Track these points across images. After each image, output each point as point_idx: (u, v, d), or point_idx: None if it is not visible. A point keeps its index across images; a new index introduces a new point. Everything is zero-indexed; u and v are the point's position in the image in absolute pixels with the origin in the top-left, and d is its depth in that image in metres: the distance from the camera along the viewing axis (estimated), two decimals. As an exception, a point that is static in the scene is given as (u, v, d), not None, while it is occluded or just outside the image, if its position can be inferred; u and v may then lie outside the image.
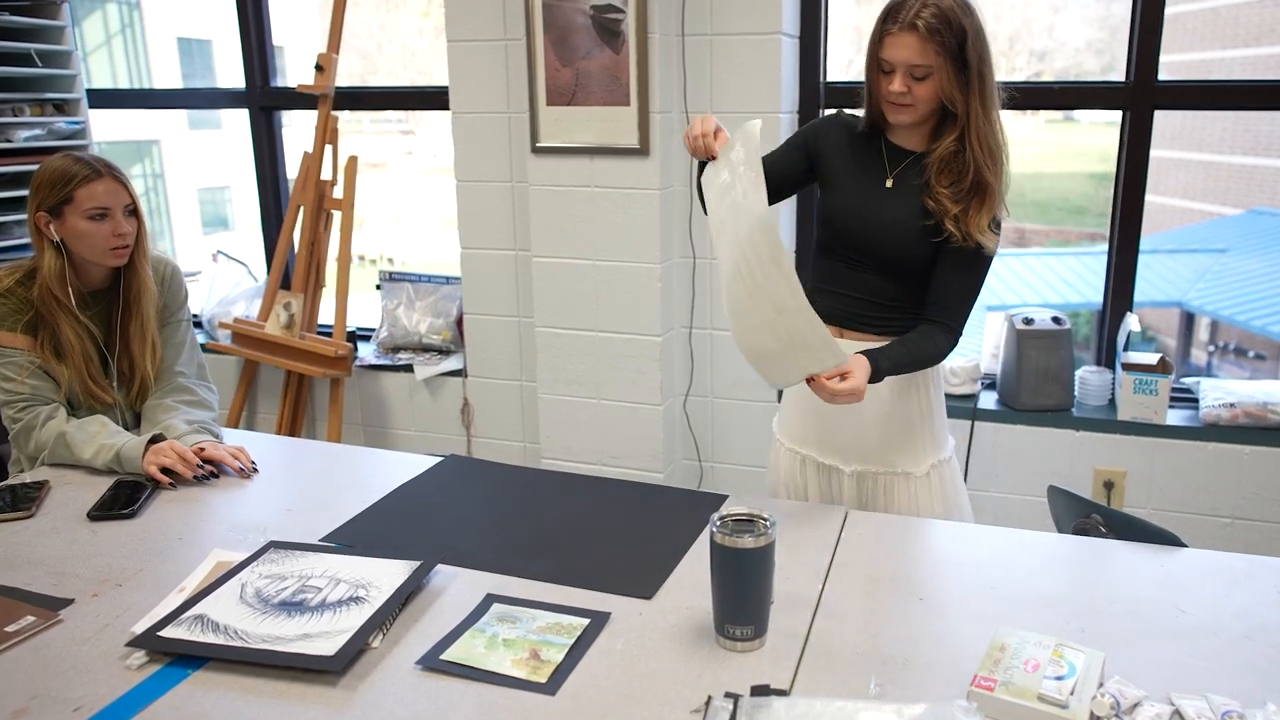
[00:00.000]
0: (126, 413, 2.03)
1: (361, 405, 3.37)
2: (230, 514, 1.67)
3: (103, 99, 3.68)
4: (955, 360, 2.73)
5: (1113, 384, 2.63)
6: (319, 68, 3.16)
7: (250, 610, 1.31)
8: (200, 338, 3.56)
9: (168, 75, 11.30)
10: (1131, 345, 2.59)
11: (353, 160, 3.20)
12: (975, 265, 1.67)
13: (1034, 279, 9.09)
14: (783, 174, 1.76)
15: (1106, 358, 2.70)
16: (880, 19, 1.59)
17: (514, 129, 2.84)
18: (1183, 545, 1.49)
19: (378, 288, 3.45)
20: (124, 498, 1.70)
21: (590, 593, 1.38)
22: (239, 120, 3.17)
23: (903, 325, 1.70)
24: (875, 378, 1.58)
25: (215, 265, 3.78)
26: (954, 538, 1.56)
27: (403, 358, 3.32)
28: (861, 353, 1.59)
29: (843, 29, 3.06)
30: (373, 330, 3.47)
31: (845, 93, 2.75)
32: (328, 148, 3.21)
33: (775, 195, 1.70)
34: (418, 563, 1.42)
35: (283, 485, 1.79)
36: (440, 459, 1.88)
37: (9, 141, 3.14)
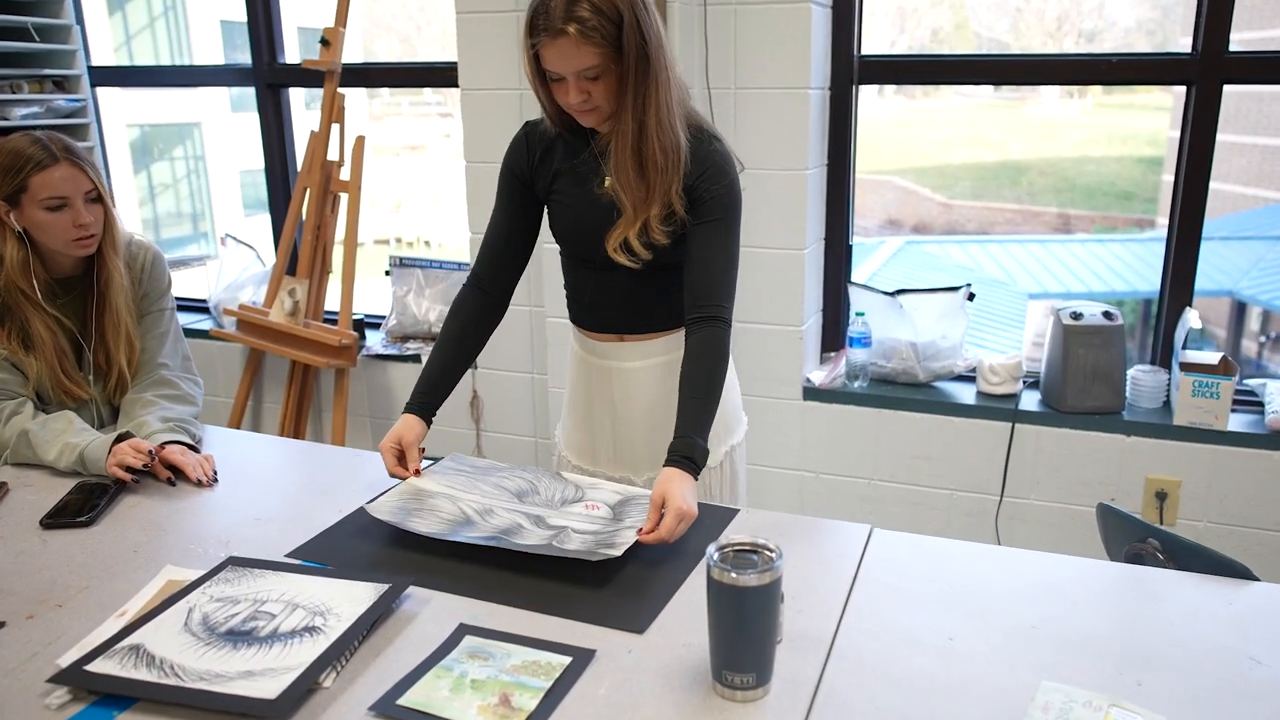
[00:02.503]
0: (103, 408, 1.90)
1: (369, 396, 3.24)
2: (194, 523, 1.53)
3: (106, 76, 3.57)
4: (995, 357, 2.53)
5: (1168, 385, 2.42)
6: (324, 42, 3.01)
7: (192, 641, 1.16)
8: (207, 324, 3.45)
9: (210, 58, 11.27)
10: (1189, 343, 2.38)
11: (360, 140, 3.05)
12: (724, 234, 1.53)
13: (1078, 266, 8.79)
14: (524, 230, 1.68)
15: (1162, 356, 2.49)
16: (526, 28, 1.41)
17: (526, 107, 2.67)
18: (1254, 578, 1.30)
19: (387, 273, 3.31)
20: (82, 503, 1.57)
21: (575, 624, 1.22)
22: (292, 99, 3.04)
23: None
24: (698, 458, 1.41)
25: (224, 249, 3.67)
26: (990, 564, 1.38)
27: (411, 347, 3.18)
28: (671, 462, 1.40)
29: (879, -1, 2.86)
30: (384, 318, 3.34)
31: (881, 66, 2.55)
32: (334, 127, 3.06)
33: (523, 255, 1.68)
34: (386, 585, 1.27)
35: (256, 490, 1.65)
36: (430, 462, 1.73)
37: (6, 120, 3.04)
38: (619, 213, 1.52)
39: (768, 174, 2.47)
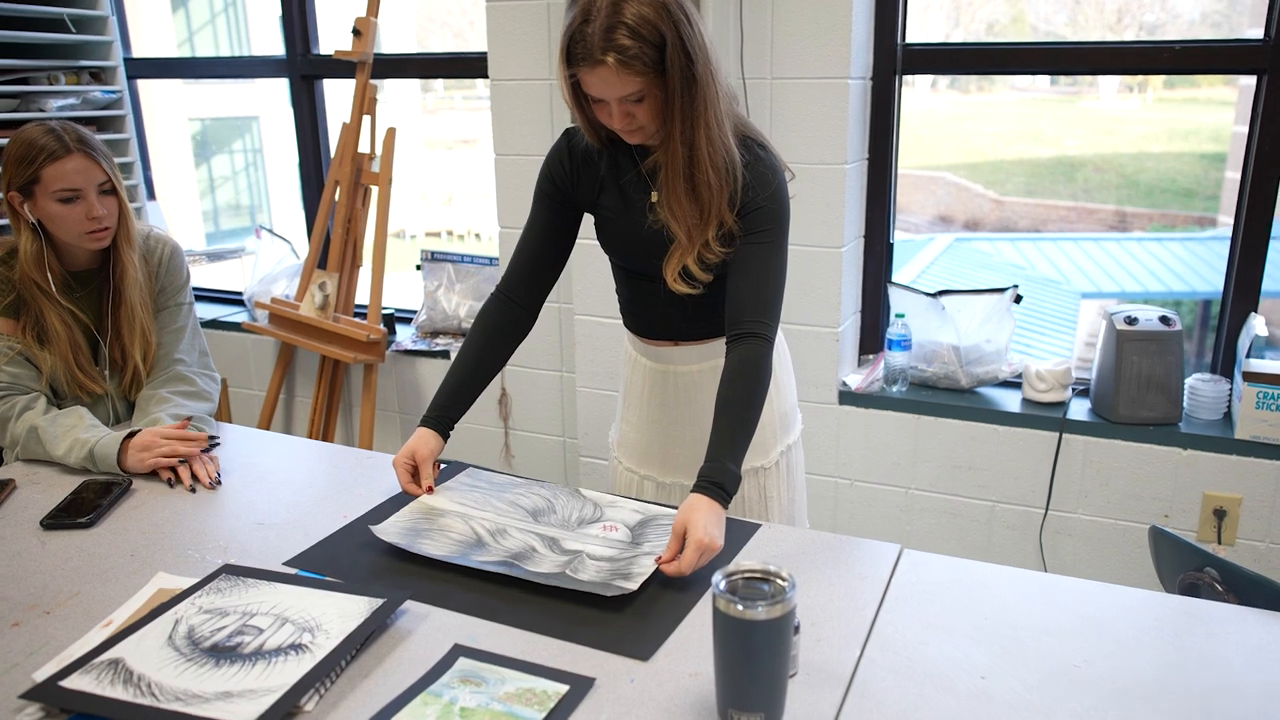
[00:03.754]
0: (119, 403, 1.87)
1: (398, 392, 3.20)
2: (195, 526, 1.48)
3: (142, 68, 3.56)
4: (1042, 363, 2.40)
5: (1229, 396, 2.27)
6: (356, 32, 2.97)
7: (174, 656, 1.11)
8: (243, 316, 3.43)
9: (270, 51, 11.41)
10: (1254, 350, 2.23)
11: (391, 133, 3.00)
12: (769, 247, 1.43)
13: (1134, 265, 8.51)
14: (559, 241, 1.59)
15: (1223, 364, 2.35)
16: (562, 55, 1.32)
17: (556, 98, 2.60)
18: (1324, 615, 1.18)
19: (418, 268, 3.26)
20: (85, 503, 1.53)
21: (577, 648, 1.14)
22: (341, 93, 2.99)
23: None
24: (729, 485, 1.32)
25: (259, 241, 3.65)
26: (1030, 592, 1.27)
27: (440, 343, 3.13)
28: (699, 488, 1.30)
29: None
30: (415, 312, 3.29)
31: (926, 55, 2.44)
32: (365, 119, 3.01)
33: (557, 266, 1.60)
34: (380, 601, 1.20)
35: (262, 492, 1.60)
36: (444, 465, 1.66)
37: (42, 111, 3.04)
38: (670, 236, 1.44)
39: (804, 168, 2.37)
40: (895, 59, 2.41)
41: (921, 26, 2.46)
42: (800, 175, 2.39)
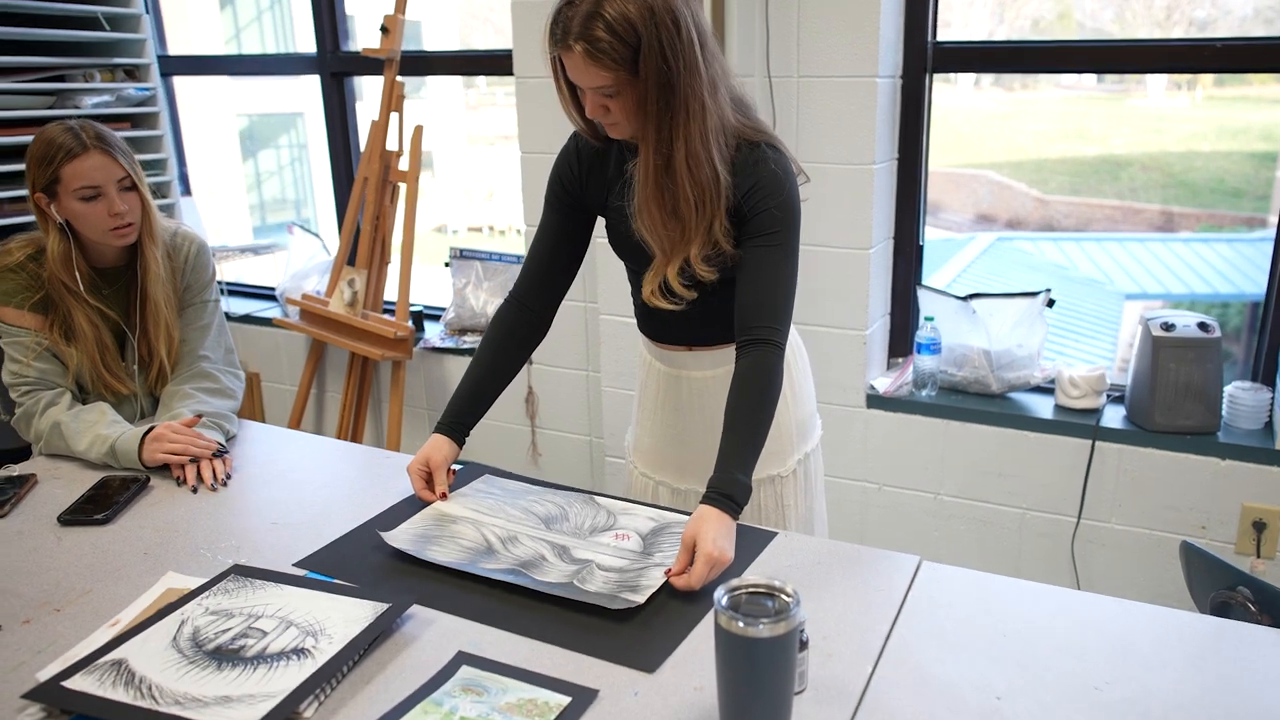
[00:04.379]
0: (145, 400, 1.88)
1: (426, 389, 3.20)
2: (209, 525, 1.48)
3: (175, 65, 3.60)
4: (1076, 368, 2.34)
5: (1271, 405, 2.19)
6: (384, 30, 2.97)
7: (177, 659, 1.10)
8: (275, 312, 3.46)
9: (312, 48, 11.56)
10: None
11: (418, 130, 3.00)
12: (779, 253, 1.39)
13: (1180, 266, 8.32)
14: (571, 246, 1.57)
15: (1265, 372, 2.27)
16: (546, 34, 1.29)
17: (582, 96, 2.58)
18: (1363, 639, 1.13)
19: (446, 265, 3.26)
20: (103, 500, 1.54)
21: (581, 658, 1.12)
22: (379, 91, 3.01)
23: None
24: (739, 496, 1.28)
25: (291, 238, 3.68)
26: (1051, 608, 1.23)
27: (468, 340, 3.13)
28: (708, 499, 1.27)
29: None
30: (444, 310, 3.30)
31: (958, 54, 2.38)
32: (393, 116, 3.02)
33: (570, 271, 1.58)
34: (386, 606, 1.19)
35: (278, 491, 1.60)
36: (460, 467, 1.65)
37: (77, 108, 3.07)
38: None
39: (831, 168, 2.33)
40: (925, 57, 2.36)
41: (965, 24, 2.41)
42: (827, 175, 2.35)
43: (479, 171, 13.07)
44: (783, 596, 0.96)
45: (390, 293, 3.18)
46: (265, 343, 3.48)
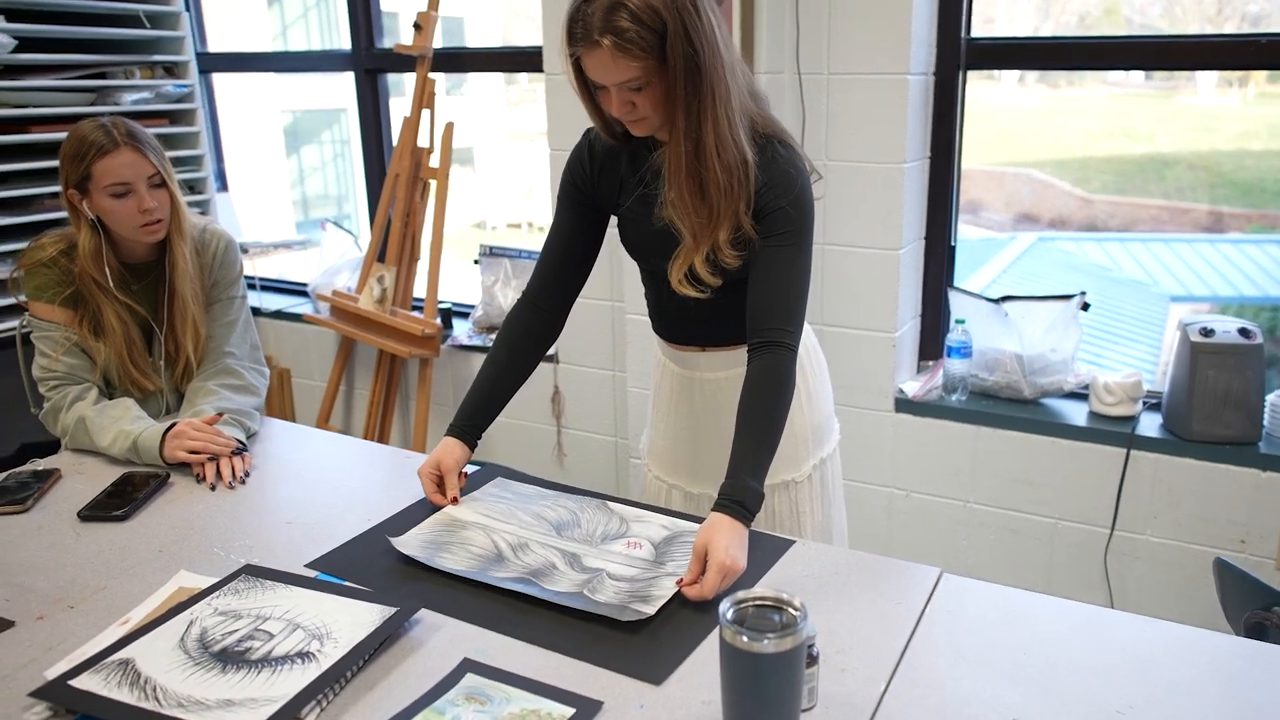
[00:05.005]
0: (170, 396, 1.89)
1: (453, 386, 3.20)
2: (225, 523, 1.48)
3: (213, 62, 3.63)
4: (1111, 374, 2.28)
5: (1316, 414, 2.12)
6: (417, 27, 2.97)
7: (183, 660, 1.10)
8: (306, 308, 3.48)
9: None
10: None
11: (449, 127, 3.00)
12: (791, 252, 1.37)
13: (1228, 268, 8.12)
14: (584, 245, 1.55)
15: (1310, 380, 2.20)
16: (564, 34, 1.26)
17: (611, 93, 2.56)
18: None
19: (476, 262, 3.26)
20: (122, 496, 1.55)
21: (588, 668, 1.10)
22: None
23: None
24: (751, 503, 1.26)
25: (324, 234, 3.70)
26: (1075, 625, 1.19)
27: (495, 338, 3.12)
28: (720, 506, 1.25)
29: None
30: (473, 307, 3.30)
31: (992, 50, 2.33)
32: (425, 113, 3.02)
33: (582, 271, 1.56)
34: (393, 610, 1.18)
35: (294, 490, 1.60)
36: (476, 468, 1.64)
37: (117, 105, 3.11)
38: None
39: (861, 166, 2.29)
40: (959, 54, 2.31)
41: (1009, 20, 2.36)
42: (857, 174, 2.31)
43: (519, 167, 13.12)
44: (790, 610, 0.93)
45: (420, 290, 3.19)
46: (297, 338, 3.51)
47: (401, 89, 3.43)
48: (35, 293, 1.77)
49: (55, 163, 2.85)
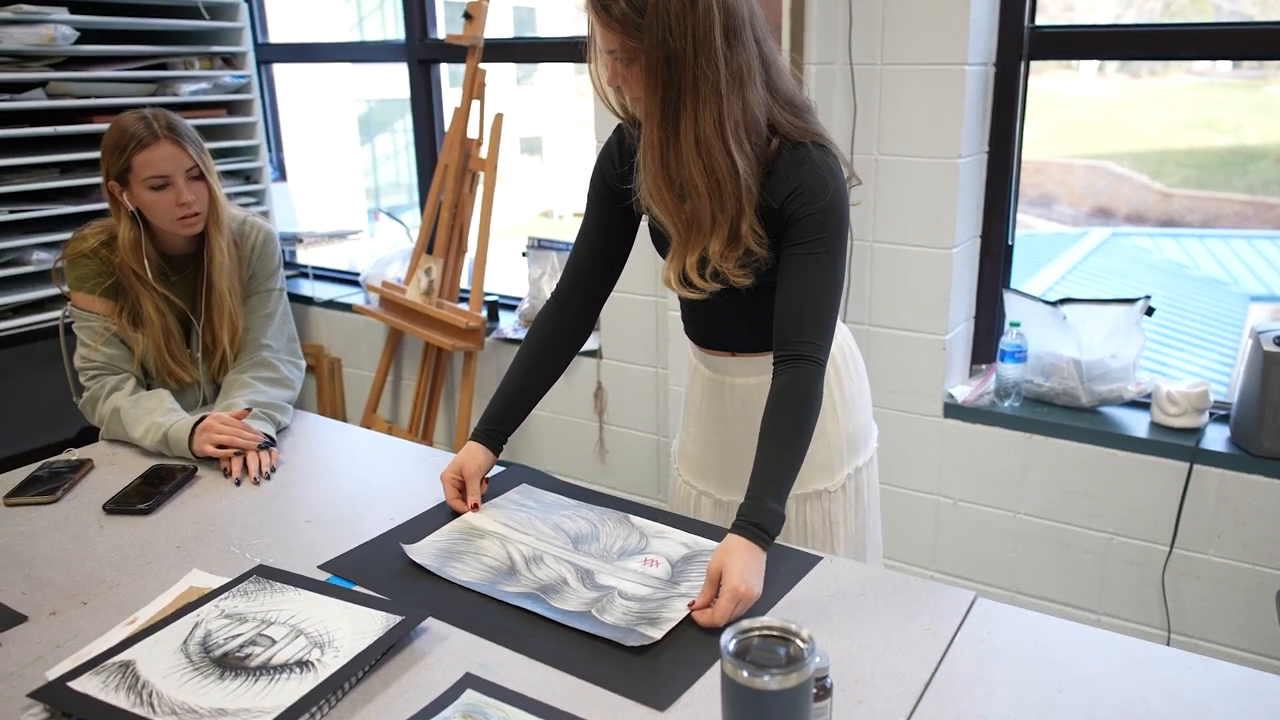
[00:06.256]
0: (207, 387, 1.90)
1: (497, 380, 3.16)
2: (245, 520, 1.48)
3: (271, 53, 3.66)
4: (1175, 384, 2.16)
5: (1400, 431, 1.98)
6: (468, 16, 2.95)
7: (183, 664, 1.09)
8: (357, 298, 3.50)
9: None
10: None
11: (499, 118, 2.98)
12: (822, 261, 1.30)
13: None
14: (614, 244, 1.50)
15: (1395, 394, 2.05)
16: None
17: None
18: None
19: (524, 254, 3.24)
20: (148, 490, 1.55)
21: (592, 689, 1.06)
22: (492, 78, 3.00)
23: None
24: (770, 526, 1.20)
25: (376, 224, 3.72)
26: (1118, 661, 1.11)
27: (540, 332, 3.09)
28: (737, 528, 1.19)
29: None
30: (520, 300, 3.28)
31: (1058, 39, 2.21)
32: (474, 103, 3.00)
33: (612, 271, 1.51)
34: (398, 619, 1.15)
35: (318, 487, 1.59)
36: (501, 469, 1.61)
37: (175, 96, 3.15)
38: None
39: (913, 161, 2.20)
40: (1022, 43, 2.20)
41: (1091, 8, 2.25)
42: (909, 169, 2.22)
43: (586, 157, 13.14)
44: (798, 642, 0.87)
45: (467, 282, 3.18)
46: (348, 328, 3.53)
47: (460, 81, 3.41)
48: (77, 283, 1.79)
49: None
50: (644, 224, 1.51)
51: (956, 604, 1.21)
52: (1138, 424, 2.19)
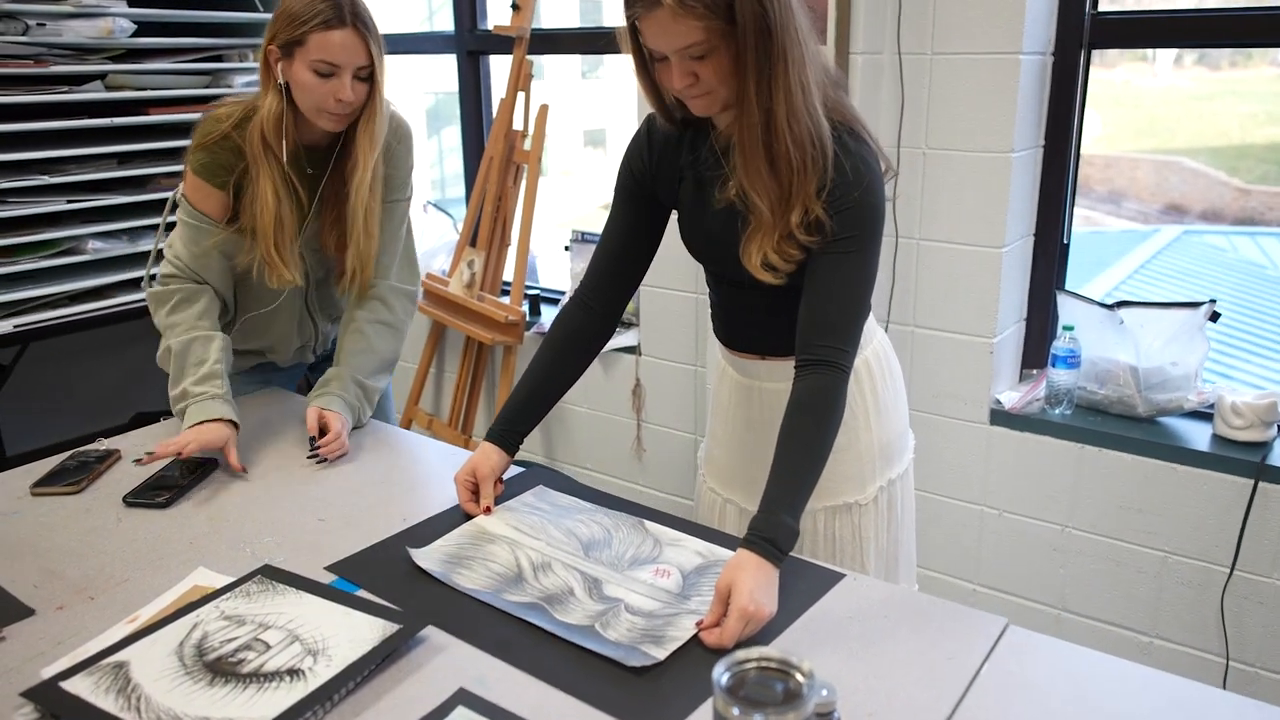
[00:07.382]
0: (314, 293, 1.83)
1: (538, 373, 3.15)
2: (258, 515, 1.46)
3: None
4: (1240, 395, 2.03)
5: None
6: (515, 7, 2.92)
7: (176, 668, 1.07)
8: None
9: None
10: None
11: (544, 110, 2.94)
12: (855, 259, 1.25)
13: None
14: (641, 241, 1.45)
15: None
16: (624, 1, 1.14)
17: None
18: None
19: (566, 249, 3.20)
20: (168, 483, 1.54)
21: (589, 710, 1.01)
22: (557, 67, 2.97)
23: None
24: (782, 542, 1.13)
25: (425, 215, 3.72)
26: (1159, 705, 1.02)
27: (581, 326, 3.05)
28: (748, 543, 1.14)
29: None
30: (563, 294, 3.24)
31: (1122, 27, 2.10)
32: (519, 95, 2.97)
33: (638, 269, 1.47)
34: (396, 627, 1.12)
35: (336, 485, 1.57)
36: (520, 470, 1.57)
37: (229, 87, 3.17)
38: (744, 222, 1.27)
39: (962, 155, 2.11)
40: (1083, 31, 2.09)
41: None
42: (958, 163, 2.13)
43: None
44: (797, 677, 0.81)
45: (509, 275, 3.15)
46: (392, 318, 3.52)
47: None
48: (199, 170, 1.65)
49: (172, 143, 2.94)
50: (673, 220, 1.47)
51: (986, 631, 1.14)
52: (1199, 436, 2.06)
